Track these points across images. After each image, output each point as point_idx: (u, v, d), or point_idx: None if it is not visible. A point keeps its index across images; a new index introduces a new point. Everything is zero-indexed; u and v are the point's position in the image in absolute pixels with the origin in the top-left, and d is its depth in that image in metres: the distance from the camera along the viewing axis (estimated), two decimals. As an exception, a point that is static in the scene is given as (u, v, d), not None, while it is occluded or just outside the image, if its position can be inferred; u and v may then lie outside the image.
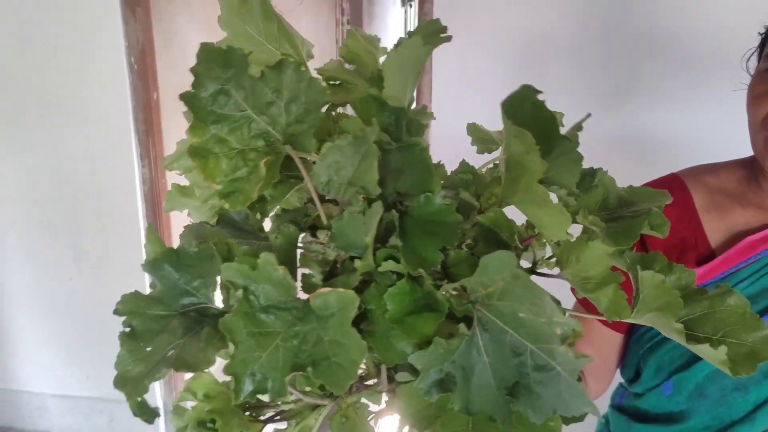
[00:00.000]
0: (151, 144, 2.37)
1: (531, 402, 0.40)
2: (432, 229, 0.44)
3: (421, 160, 0.44)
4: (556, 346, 0.39)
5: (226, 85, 0.44)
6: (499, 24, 1.88)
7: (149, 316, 0.46)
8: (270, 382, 0.39)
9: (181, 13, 2.67)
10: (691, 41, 0.93)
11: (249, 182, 0.46)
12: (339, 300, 0.40)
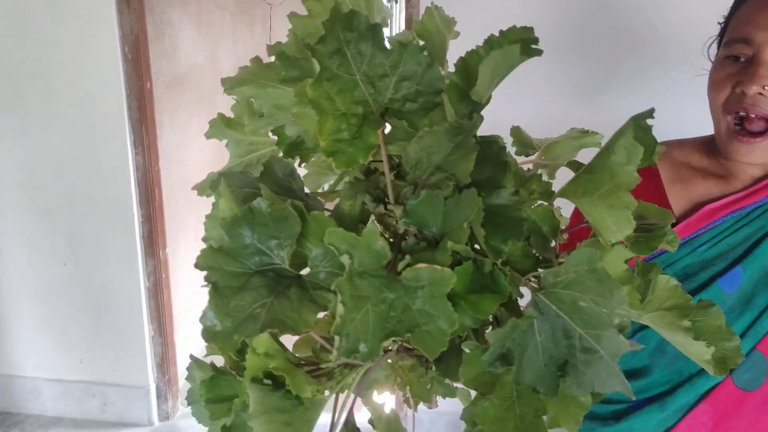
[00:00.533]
0: (145, 132, 2.40)
1: (576, 379, 0.46)
2: (500, 221, 0.48)
3: (498, 155, 0.49)
4: (603, 332, 0.45)
5: (345, 47, 0.46)
6: (482, 20, 1.96)
7: (227, 272, 0.48)
8: (362, 344, 0.43)
9: (173, 5, 2.68)
10: (664, 34, 1.02)
11: (352, 145, 0.48)
12: (431, 274, 0.45)
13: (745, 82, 0.85)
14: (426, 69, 0.48)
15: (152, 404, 2.67)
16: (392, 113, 0.49)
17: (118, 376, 2.64)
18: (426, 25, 0.59)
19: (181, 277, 2.85)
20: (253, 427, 0.49)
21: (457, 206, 0.47)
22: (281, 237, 0.49)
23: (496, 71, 0.52)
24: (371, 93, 0.49)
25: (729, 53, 0.90)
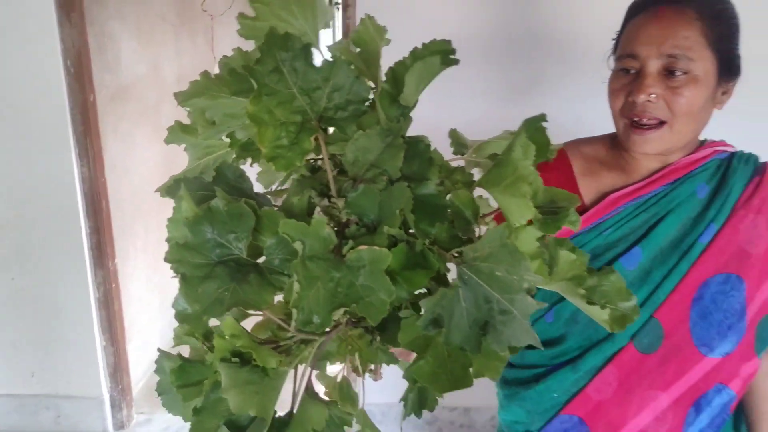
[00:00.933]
0: (89, 144, 2.42)
1: (496, 336, 0.55)
2: (427, 208, 0.57)
3: (424, 153, 0.58)
4: (515, 295, 0.54)
5: (282, 65, 0.54)
6: (418, 30, 2.09)
7: (193, 264, 0.55)
8: (315, 316, 0.51)
9: (113, 17, 2.70)
10: (582, 43, 1.13)
11: (290, 150, 0.56)
12: (371, 255, 0.53)
13: (635, 92, 0.98)
14: (354, 81, 0.56)
15: (107, 414, 2.67)
16: (326, 120, 0.57)
17: (71, 388, 2.64)
18: (361, 34, 0.67)
19: (131, 287, 2.86)
20: (228, 398, 0.57)
21: (390, 197, 0.56)
22: (238, 231, 0.57)
23: (421, 79, 0.60)
24: (308, 103, 0.56)
25: (621, 66, 1.02)
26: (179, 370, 0.63)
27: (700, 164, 1.06)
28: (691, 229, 1.04)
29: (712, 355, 1.03)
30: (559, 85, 1.97)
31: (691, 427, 1.06)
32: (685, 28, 0.97)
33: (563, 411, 1.10)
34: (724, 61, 1.00)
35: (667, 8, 0.99)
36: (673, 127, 0.99)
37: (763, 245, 1.02)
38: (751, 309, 1.02)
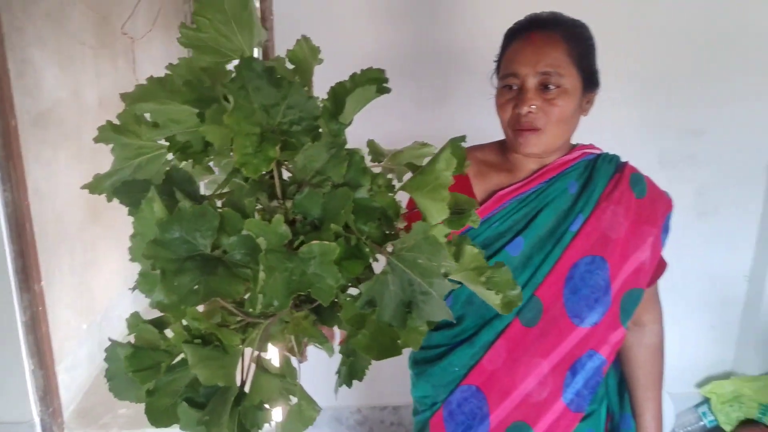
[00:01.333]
0: (12, 168, 2.39)
1: (418, 313, 0.67)
2: (362, 209, 0.68)
3: (359, 163, 0.69)
4: (434, 279, 0.66)
5: (247, 84, 0.63)
6: (334, 46, 2.25)
7: (165, 259, 0.61)
8: (275, 300, 0.60)
9: (33, 44, 2.66)
10: (482, 60, 1.30)
11: (256, 158, 0.64)
12: (321, 248, 0.63)
13: (519, 105, 1.16)
14: (307, 100, 0.66)
15: (34, 416, 2.63)
16: (282, 133, 0.66)
17: (0, 413, 2.57)
18: (296, 53, 0.76)
19: (58, 310, 2.81)
20: (197, 372, 0.65)
21: (334, 199, 0.66)
22: (202, 230, 0.64)
23: (359, 102, 0.72)
24: (265, 118, 0.65)
25: (504, 84, 1.20)
26: (133, 356, 0.70)
27: (571, 164, 1.24)
28: (563, 219, 1.22)
29: (583, 325, 1.20)
30: (464, 98, 2.17)
31: (568, 389, 1.22)
32: (554, 49, 1.16)
33: (463, 382, 1.25)
34: (586, 76, 1.20)
35: (537, 34, 1.17)
36: (548, 132, 1.16)
37: (622, 231, 1.21)
38: (615, 285, 1.20)
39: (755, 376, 2.71)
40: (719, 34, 2.41)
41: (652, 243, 1.23)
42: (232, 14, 0.72)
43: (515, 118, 1.17)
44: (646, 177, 1.27)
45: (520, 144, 1.18)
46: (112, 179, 0.79)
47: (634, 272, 1.22)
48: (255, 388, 0.71)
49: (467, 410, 1.25)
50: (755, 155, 2.56)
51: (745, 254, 2.68)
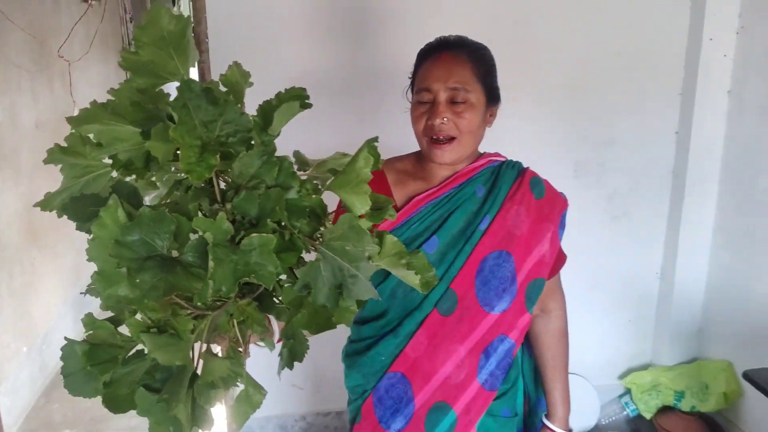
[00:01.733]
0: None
1: (348, 294, 0.78)
2: (293, 208, 0.78)
3: (288, 168, 0.79)
4: (360, 263, 0.76)
5: (188, 103, 0.72)
6: (267, 66, 2.41)
7: (128, 258, 0.69)
8: (223, 286, 0.69)
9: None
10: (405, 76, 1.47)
11: (199, 166, 0.73)
12: (260, 240, 0.72)
13: (432, 117, 1.30)
14: (240, 116, 0.76)
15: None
16: (220, 144, 0.76)
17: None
18: (229, 77, 0.85)
19: (-2, 332, 2.81)
20: (156, 356, 0.73)
21: (268, 199, 0.76)
22: (160, 232, 0.72)
23: (285, 116, 0.82)
24: (205, 132, 0.75)
25: (419, 99, 1.34)
26: (90, 352, 0.78)
27: (478, 171, 1.39)
28: (473, 219, 1.36)
29: (494, 312, 1.34)
30: (390, 113, 2.32)
31: (483, 370, 1.36)
32: (461, 68, 1.31)
33: (389, 370, 1.37)
34: (489, 92, 1.36)
35: (447, 54, 1.33)
36: (461, 142, 1.31)
37: (524, 228, 1.36)
38: (520, 276, 1.35)
39: (670, 366, 2.91)
40: (624, 52, 2.65)
41: (551, 238, 1.38)
42: (170, 39, 0.80)
43: (429, 128, 1.31)
44: (545, 180, 1.43)
45: (436, 154, 1.32)
46: (61, 197, 0.85)
47: (537, 264, 1.37)
48: (207, 369, 0.80)
49: (394, 395, 1.37)
50: (660, 162, 2.80)
51: (656, 253, 2.91)
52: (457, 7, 2.51)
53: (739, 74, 2.59)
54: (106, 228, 0.72)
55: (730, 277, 2.71)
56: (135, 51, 0.80)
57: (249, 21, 2.41)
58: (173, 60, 0.80)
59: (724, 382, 2.68)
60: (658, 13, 2.63)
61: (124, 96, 0.81)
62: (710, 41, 2.57)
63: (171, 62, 0.81)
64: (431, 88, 1.31)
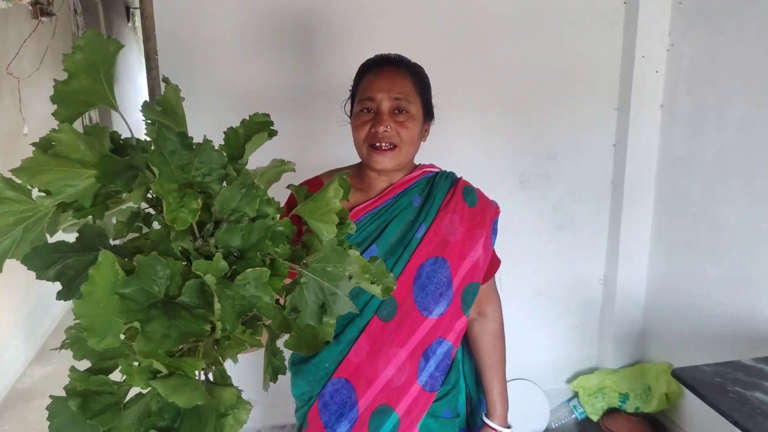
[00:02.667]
0: None
1: (329, 311, 0.82)
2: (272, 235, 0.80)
3: (263, 195, 0.79)
4: (341, 282, 0.81)
5: (164, 151, 0.73)
6: (219, 87, 2.45)
7: (136, 311, 0.69)
8: (227, 324, 0.70)
9: None
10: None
11: (182, 212, 0.73)
12: (255, 274, 0.73)
13: (376, 125, 1.36)
14: (215, 154, 0.77)
15: None
16: (197, 185, 0.76)
17: None
18: (167, 98, 0.84)
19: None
20: (175, 400, 0.71)
21: (253, 231, 0.78)
22: (156, 278, 0.72)
23: (254, 146, 0.84)
24: (181, 175, 0.75)
25: (362, 107, 1.40)
26: (84, 405, 0.75)
27: (414, 181, 1.46)
28: (409, 228, 1.42)
29: (431, 316, 1.39)
30: (330, 128, 2.40)
31: (423, 373, 1.40)
32: (403, 80, 1.40)
33: (333, 376, 1.41)
34: (426, 106, 1.44)
35: (389, 67, 1.41)
36: (401, 150, 1.38)
37: (459, 235, 1.42)
38: (456, 280, 1.41)
39: (615, 369, 3.04)
40: (565, 69, 2.78)
41: (484, 243, 1.44)
42: (101, 64, 0.80)
43: (371, 136, 1.37)
44: (477, 189, 1.50)
45: (376, 160, 1.37)
46: (2, 246, 0.78)
47: (471, 269, 1.43)
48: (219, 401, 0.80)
49: (339, 400, 1.40)
50: (600, 174, 2.93)
51: (599, 261, 3.04)
52: (402, 27, 2.60)
53: (670, 89, 2.74)
54: (97, 284, 0.70)
55: (667, 282, 2.84)
56: (66, 81, 0.78)
57: (198, 38, 2.45)
58: (102, 86, 0.80)
59: (665, 383, 2.81)
60: (595, 32, 2.77)
61: (67, 136, 0.77)
62: (643, 58, 2.72)
63: (101, 88, 0.80)
64: (375, 98, 1.38)
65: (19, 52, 3.81)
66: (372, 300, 1.39)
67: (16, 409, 3.40)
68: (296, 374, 1.49)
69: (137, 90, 7.56)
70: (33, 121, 3.92)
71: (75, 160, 0.76)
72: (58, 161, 0.75)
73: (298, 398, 1.50)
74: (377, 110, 1.38)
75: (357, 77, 1.47)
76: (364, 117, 1.39)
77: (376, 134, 1.36)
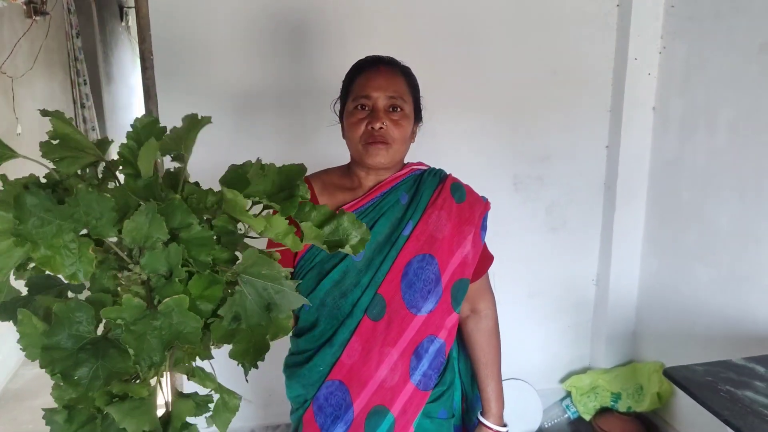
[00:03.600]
0: None
1: (277, 309, 0.83)
2: (198, 243, 0.80)
3: (180, 206, 0.78)
4: (282, 279, 0.82)
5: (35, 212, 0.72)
6: (213, 88, 2.46)
7: (61, 360, 0.72)
8: (153, 357, 0.73)
9: None
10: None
11: (81, 265, 0.73)
12: (175, 301, 0.75)
13: (372, 122, 1.38)
14: (96, 199, 0.75)
15: None
16: (93, 229, 0.75)
17: None
18: (56, 128, 0.85)
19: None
20: (126, 426, 0.76)
21: (169, 255, 0.78)
22: (83, 321, 0.74)
23: (148, 156, 0.82)
24: (70, 226, 0.74)
25: (357, 104, 1.41)
26: (70, 418, 0.80)
27: (401, 179, 1.47)
28: (397, 226, 1.43)
29: (420, 313, 1.40)
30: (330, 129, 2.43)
31: (416, 371, 1.41)
32: (398, 79, 1.42)
33: (327, 378, 1.42)
34: (416, 107, 1.47)
35: (384, 67, 1.44)
36: (393, 147, 1.40)
37: (446, 231, 1.42)
38: (445, 277, 1.41)
39: (607, 368, 3.05)
40: (558, 71, 2.79)
41: (473, 239, 1.45)
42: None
43: (368, 133, 1.38)
44: (466, 185, 1.50)
45: (371, 153, 1.38)
46: None
47: (460, 265, 1.43)
48: (175, 414, 0.84)
49: (333, 402, 1.41)
50: (593, 175, 2.95)
51: (592, 261, 3.05)
52: (395, 28, 2.62)
53: (662, 91, 2.76)
54: (30, 336, 0.75)
55: (659, 283, 2.86)
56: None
57: (191, 38, 2.47)
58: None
59: (657, 383, 2.82)
60: (587, 35, 2.78)
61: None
62: (635, 61, 2.74)
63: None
64: (371, 96, 1.39)
65: (13, 51, 3.80)
66: (361, 299, 1.39)
67: (7, 409, 3.41)
68: (290, 377, 1.50)
69: (130, 90, 7.54)
70: (26, 121, 3.92)
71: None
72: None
73: (293, 401, 1.51)
74: (373, 107, 1.39)
75: (349, 76, 1.48)
76: (359, 114, 1.40)
77: (372, 131, 1.38)
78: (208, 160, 1.34)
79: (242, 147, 2.55)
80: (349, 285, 1.40)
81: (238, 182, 0.87)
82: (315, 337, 1.45)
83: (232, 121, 2.56)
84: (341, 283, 1.40)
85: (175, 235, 0.80)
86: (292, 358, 1.51)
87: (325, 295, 1.41)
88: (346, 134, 1.44)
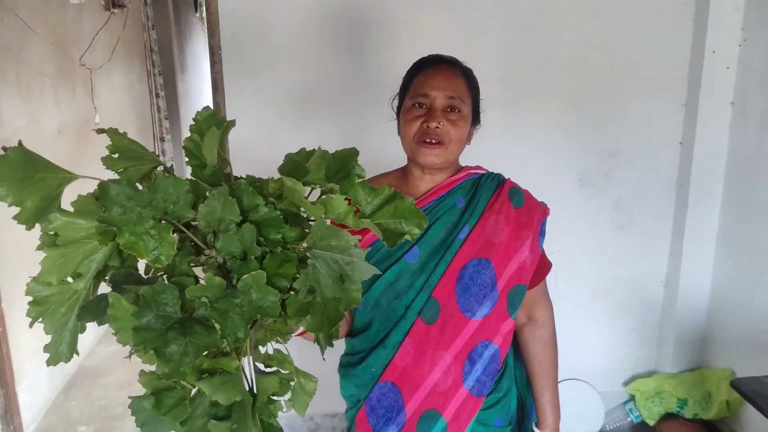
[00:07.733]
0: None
1: (349, 279, 0.83)
2: (268, 224, 0.82)
3: (246, 190, 0.80)
4: (351, 250, 0.81)
5: (119, 201, 0.77)
6: (277, 81, 2.49)
7: (152, 339, 0.74)
8: (238, 332, 0.75)
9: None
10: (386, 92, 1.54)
11: (163, 247, 0.77)
12: (253, 278, 0.76)
13: (428, 120, 1.36)
14: (174, 184, 0.79)
15: None
16: (171, 214, 0.79)
17: (-39, 431, 2.64)
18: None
19: (18, 332, 2.90)
20: (217, 398, 0.79)
21: (243, 235, 0.81)
22: (168, 302, 0.77)
23: (210, 145, 0.85)
24: (150, 213, 0.78)
25: (415, 102, 1.39)
26: (158, 403, 0.83)
27: (458, 183, 1.45)
28: (452, 229, 1.41)
29: (475, 318, 1.38)
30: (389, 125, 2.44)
31: (469, 376, 1.39)
32: (458, 80, 1.40)
33: (380, 380, 1.42)
34: (475, 109, 1.44)
35: (445, 66, 1.42)
36: (448, 148, 1.38)
37: (504, 236, 1.40)
38: (501, 282, 1.39)
39: (674, 373, 2.95)
40: (630, 64, 2.71)
41: (531, 245, 1.42)
42: None
43: (423, 131, 1.37)
44: (524, 190, 1.47)
45: (424, 153, 1.37)
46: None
47: (517, 270, 1.40)
48: (260, 389, 0.87)
49: (386, 404, 1.41)
50: (665, 172, 2.84)
51: (661, 261, 2.95)
52: (459, 22, 2.58)
53: (741, 86, 2.63)
54: (122, 314, 0.78)
55: (733, 286, 2.74)
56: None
57: (258, 33, 2.51)
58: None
59: (726, 391, 2.71)
60: (662, 26, 2.68)
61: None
62: (713, 53, 2.62)
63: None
64: (429, 94, 1.38)
65: (92, 44, 3.97)
66: (415, 301, 1.39)
67: (83, 386, 3.58)
68: (344, 377, 1.51)
69: (202, 79, 7.77)
70: (104, 111, 4.09)
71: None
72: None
73: (347, 400, 1.53)
74: (431, 106, 1.38)
75: (410, 73, 1.47)
76: (416, 112, 1.39)
77: (427, 130, 1.36)
78: (271, 151, 1.35)
79: (303, 140, 2.58)
80: (403, 287, 1.40)
81: (296, 170, 0.89)
82: (369, 337, 1.45)
83: (295, 114, 2.59)
84: (395, 284, 1.40)
85: (244, 218, 0.83)
86: (346, 358, 1.52)
87: (380, 295, 1.41)
88: (401, 131, 1.44)
